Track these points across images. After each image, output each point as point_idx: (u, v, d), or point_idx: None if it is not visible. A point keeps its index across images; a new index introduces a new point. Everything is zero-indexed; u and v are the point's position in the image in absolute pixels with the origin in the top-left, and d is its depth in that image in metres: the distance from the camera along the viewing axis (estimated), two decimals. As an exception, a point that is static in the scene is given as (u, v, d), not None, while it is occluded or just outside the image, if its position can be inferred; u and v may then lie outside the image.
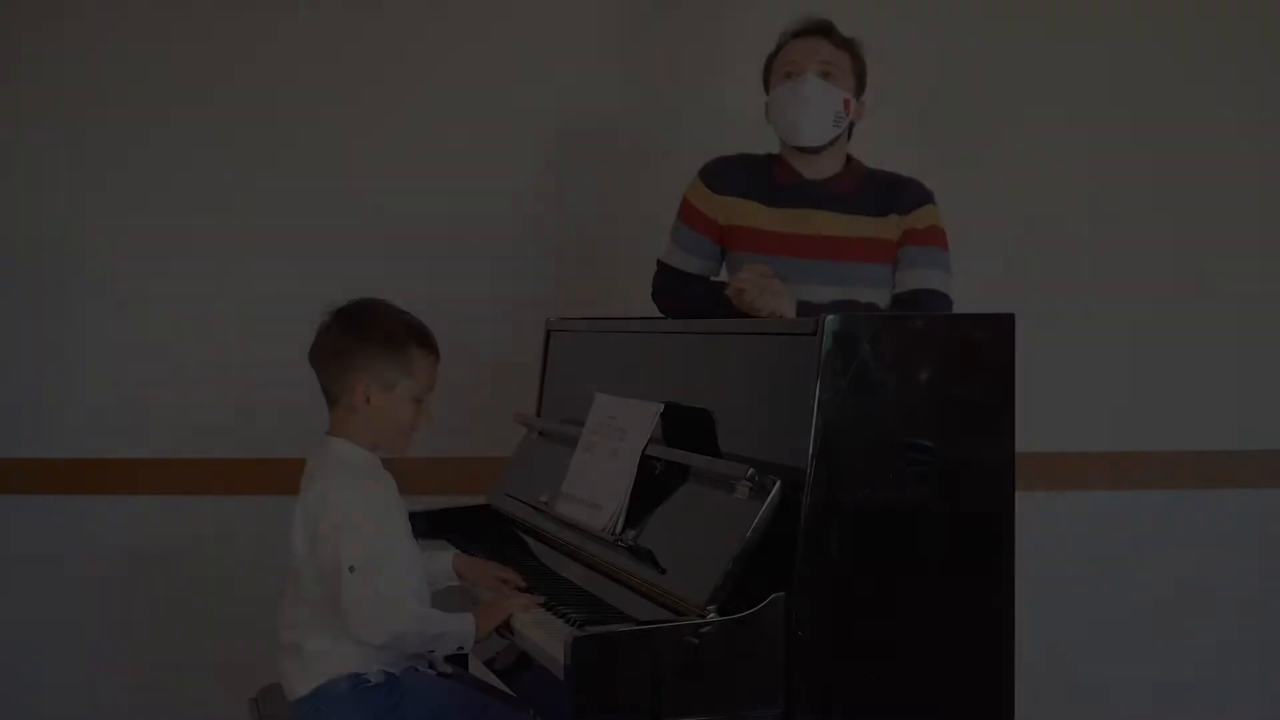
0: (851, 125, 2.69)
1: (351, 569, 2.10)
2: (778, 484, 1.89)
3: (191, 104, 3.39)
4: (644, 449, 2.20)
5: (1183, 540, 3.37)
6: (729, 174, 2.72)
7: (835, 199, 2.64)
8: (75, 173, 3.41)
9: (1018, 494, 2.01)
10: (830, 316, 1.91)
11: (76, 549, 3.42)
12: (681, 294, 2.74)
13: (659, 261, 2.81)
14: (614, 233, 3.38)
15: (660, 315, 2.83)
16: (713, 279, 2.74)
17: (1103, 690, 3.38)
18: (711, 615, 1.85)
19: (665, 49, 3.39)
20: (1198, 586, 3.38)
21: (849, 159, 2.71)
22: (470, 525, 2.80)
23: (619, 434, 2.28)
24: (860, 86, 2.68)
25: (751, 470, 1.92)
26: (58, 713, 3.44)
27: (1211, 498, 3.37)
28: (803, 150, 2.65)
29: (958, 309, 2.62)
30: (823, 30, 2.64)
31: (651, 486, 2.17)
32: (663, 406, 2.22)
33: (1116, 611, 3.37)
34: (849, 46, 2.66)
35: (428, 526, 2.78)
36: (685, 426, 2.20)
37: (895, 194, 2.65)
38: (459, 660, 2.49)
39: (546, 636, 2.02)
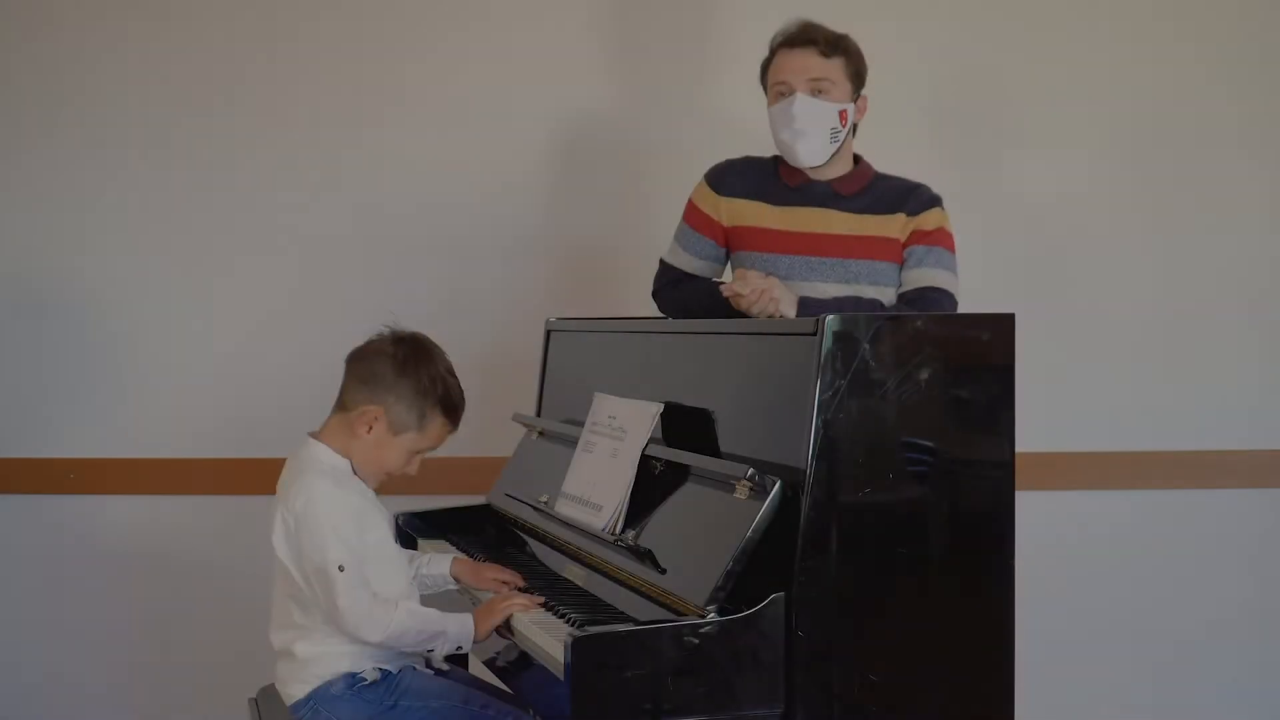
0: (855, 124, 2.68)
1: (341, 568, 2.10)
2: (778, 484, 1.89)
3: (190, 111, 3.38)
4: (644, 449, 2.20)
5: (1182, 540, 3.37)
6: (734, 176, 2.72)
7: (842, 197, 2.64)
8: (76, 176, 3.40)
9: (1018, 494, 2.01)
10: (830, 316, 1.91)
11: (76, 549, 3.42)
12: (682, 293, 2.74)
13: (661, 261, 2.81)
14: (614, 233, 3.38)
15: (660, 315, 2.83)
16: (715, 280, 2.74)
17: (1102, 690, 3.38)
18: (711, 615, 1.85)
19: (666, 50, 3.39)
20: (1197, 586, 3.38)
21: (857, 159, 2.71)
22: (470, 525, 2.80)
23: (619, 434, 2.28)
24: (859, 84, 2.64)
25: (751, 470, 1.92)
26: (57, 712, 3.43)
27: (1211, 498, 3.37)
28: None
29: (961, 310, 2.62)
30: (810, 40, 2.58)
31: (651, 486, 2.17)
32: (663, 406, 2.22)
33: (1116, 611, 3.37)
34: (840, 50, 2.59)
35: (428, 526, 2.79)
36: (685, 426, 2.21)
37: (903, 196, 2.64)
38: (459, 659, 2.49)
39: (546, 636, 2.02)
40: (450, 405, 2.27)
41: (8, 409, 3.42)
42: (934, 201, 2.66)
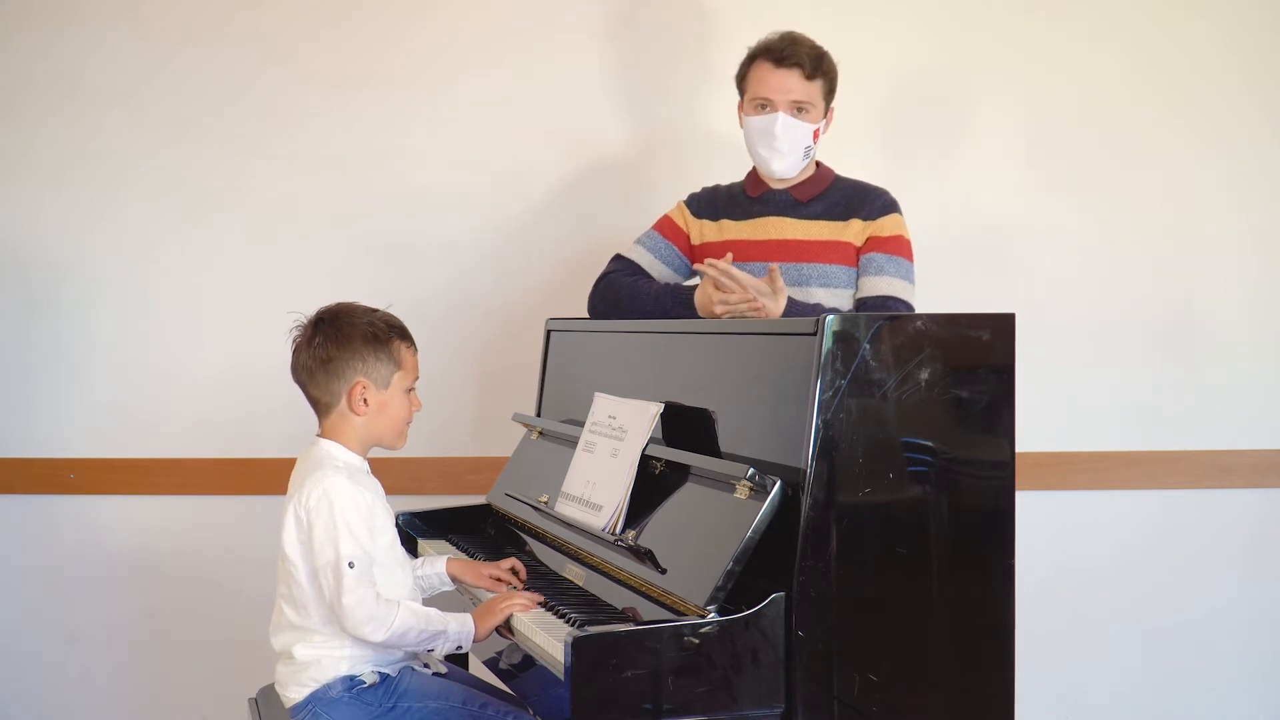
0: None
1: (351, 564, 2.11)
2: (778, 484, 1.89)
3: (191, 111, 3.38)
4: (644, 449, 2.20)
5: (1182, 540, 3.37)
6: (709, 201, 2.84)
7: (799, 204, 2.73)
8: (77, 175, 3.41)
9: (1018, 494, 2.01)
10: (830, 316, 1.91)
11: (76, 549, 3.42)
12: (636, 285, 2.75)
13: (618, 255, 2.86)
14: (614, 233, 3.38)
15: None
16: (677, 283, 2.79)
17: (1102, 689, 3.38)
18: (711, 615, 1.85)
19: (669, 54, 3.38)
20: (1197, 587, 3.37)
21: (818, 165, 2.78)
22: (470, 525, 2.80)
23: (619, 434, 2.28)
24: (831, 100, 2.71)
25: (751, 470, 1.92)
26: (57, 712, 3.43)
27: (1211, 498, 3.37)
28: None
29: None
30: (797, 63, 2.62)
31: (651, 486, 2.17)
32: (663, 406, 2.22)
33: (1116, 611, 3.37)
34: (821, 72, 2.65)
35: (428, 526, 2.79)
36: (685, 426, 2.21)
37: (860, 201, 2.71)
38: (459, 659, 2.49)
39: (546, 636, 2.02)
40: (401, 330, 2.30)
41: (8, 409, 3.42)
42: (891, 207, 2.71)
